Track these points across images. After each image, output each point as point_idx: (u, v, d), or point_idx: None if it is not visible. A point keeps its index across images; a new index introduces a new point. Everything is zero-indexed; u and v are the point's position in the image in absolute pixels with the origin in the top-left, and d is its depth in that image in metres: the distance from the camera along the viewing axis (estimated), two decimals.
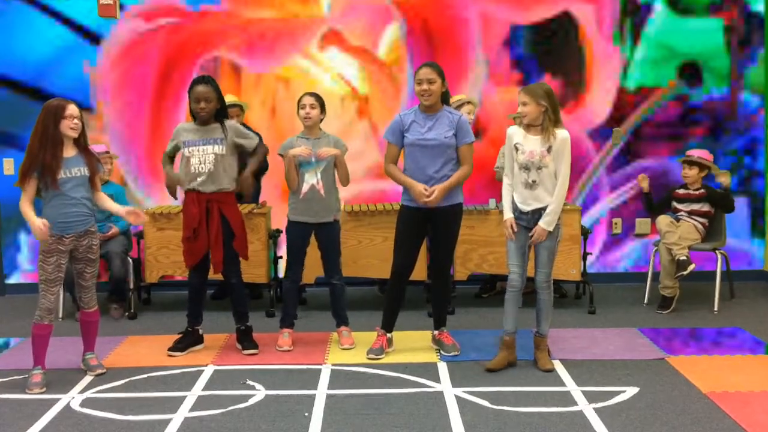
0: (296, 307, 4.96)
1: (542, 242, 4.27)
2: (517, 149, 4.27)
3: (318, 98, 4.75)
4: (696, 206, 5.64)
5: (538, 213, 4.25)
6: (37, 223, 4.03)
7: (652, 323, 5.26)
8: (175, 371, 4.40)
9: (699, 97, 6.38)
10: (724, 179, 5.67)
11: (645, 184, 5.82)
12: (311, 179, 4.70)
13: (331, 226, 4.79)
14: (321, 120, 4.78)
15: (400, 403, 3.87)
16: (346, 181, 4.84)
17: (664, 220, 5.58)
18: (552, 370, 4.30)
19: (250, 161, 4.68)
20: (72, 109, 4.13)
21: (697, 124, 6.41)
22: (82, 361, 4.43)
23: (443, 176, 4.42)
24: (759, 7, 6.33)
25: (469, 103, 5.71)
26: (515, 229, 4.28)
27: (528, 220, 4.28)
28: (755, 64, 6.37)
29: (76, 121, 4.12)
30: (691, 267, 5.35)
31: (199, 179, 4.52)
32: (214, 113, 4.57)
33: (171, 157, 4.68)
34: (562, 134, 4.22)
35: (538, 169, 4.21)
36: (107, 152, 5.74)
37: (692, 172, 5.62)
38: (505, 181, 4.38)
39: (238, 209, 4.71)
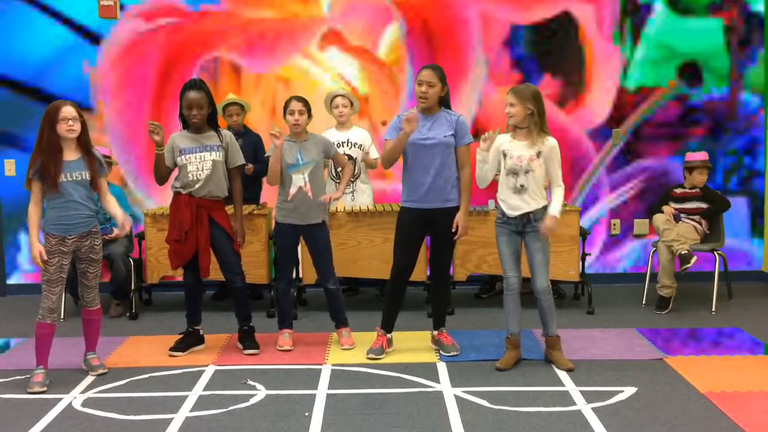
0: (293, 307, 4.95)
1: (536, 244, 4.29)
2: (505, 155, 4.32)
3: (306, 103, 4.73)
4: (692, 205, 5.67)
5: (526, 217, 4.29)
6: (36, 249, 4.07)
7: (650, 324, 5.27)
8: (176, 371, 4.41)
9: (699, 97, 6.39)
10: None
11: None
12: (298, 181, 4.67)
13: (320, 227, 4.76)
14: (307, 124, 4.75)
15: (400, 403, 3.88)
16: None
17: (660, 218, 5.59)
18: (572, 369, 4.31)
19: (236, 205, 4.70)
20: (66, 111, 4.09)
21: (697, 124, 6.41)
22: (83, 361, 4.45)
23: (444, 176, 4.43)
24: (759, 7, 6.33)
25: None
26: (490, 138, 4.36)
27: (516, 224, 4.32)
28: (755, 64, 6.37)
29: (71, 122, 4.09)
30: (694, 259, 5.36)
31: (196, 186, 4.53)
32: (207, 119, 4.58)
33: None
34: (551, 141, 4.29)
35: (525, 173, 4.25)
36: (108, 157, 5.72)
37: (703, 177, 5.68)
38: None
39: (227, 213, 4.71)
